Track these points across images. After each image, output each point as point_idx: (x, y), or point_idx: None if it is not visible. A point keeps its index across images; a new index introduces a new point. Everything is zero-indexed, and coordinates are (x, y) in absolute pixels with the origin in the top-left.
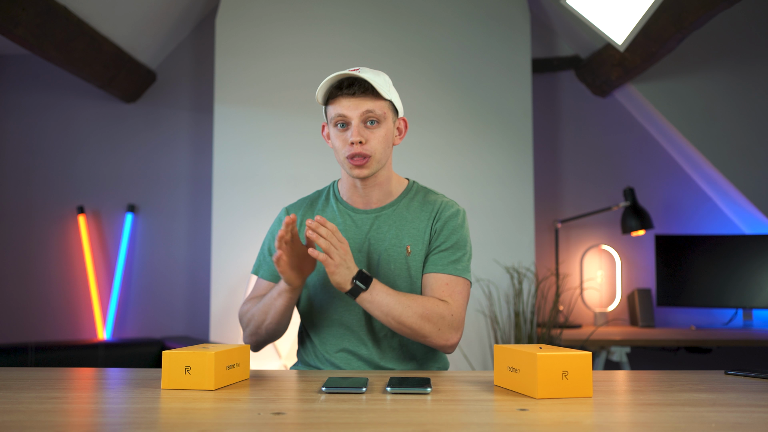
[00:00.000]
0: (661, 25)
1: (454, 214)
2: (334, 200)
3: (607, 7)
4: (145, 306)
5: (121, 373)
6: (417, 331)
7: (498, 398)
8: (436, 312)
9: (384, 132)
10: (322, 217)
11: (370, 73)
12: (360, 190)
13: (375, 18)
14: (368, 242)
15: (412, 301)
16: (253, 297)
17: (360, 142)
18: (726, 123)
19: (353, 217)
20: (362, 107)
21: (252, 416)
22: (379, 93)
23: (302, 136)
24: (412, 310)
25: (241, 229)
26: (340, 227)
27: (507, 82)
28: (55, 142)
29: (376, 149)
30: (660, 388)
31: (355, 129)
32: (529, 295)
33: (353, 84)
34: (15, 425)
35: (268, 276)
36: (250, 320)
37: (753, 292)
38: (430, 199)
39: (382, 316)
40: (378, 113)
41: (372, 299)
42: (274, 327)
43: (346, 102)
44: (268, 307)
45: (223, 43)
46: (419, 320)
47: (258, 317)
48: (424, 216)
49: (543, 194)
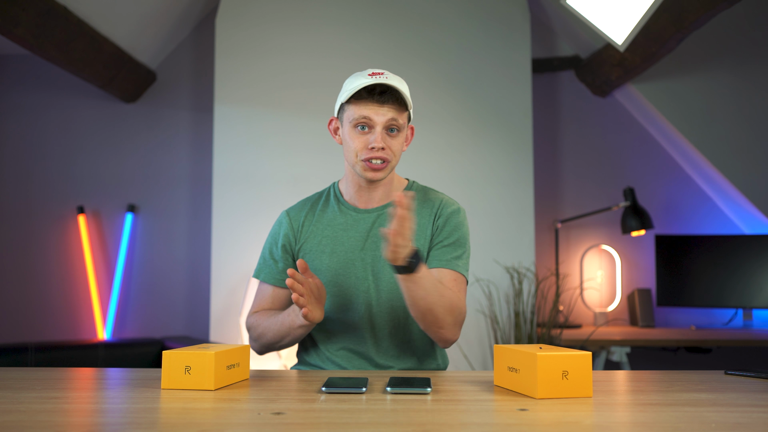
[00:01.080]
0: (661, 25)
1: (455, 212)
2: (335, 201)
3: (607, 7)
4: (145, 306)
5: (121, 373)
6: (438, 321)
7: (498, 398)
8: (457, 307)
9: (401, 139)
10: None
11: (395, 80)
12: (365, 190)
13: (375, 18)
14: (370, 240)
15: (444, 290)
16: (262, 308)
17: (382, 148)
18: (726, 123)
19: (354, 216)
20: (388, 115)
21: (252, 416)
22: (405, 103)
23: (302, 136)
24: (444, 300)
25: (241, 229)
26: (341, 227)
27: (507, 82)
28: (55, 142)
29: (395, 155)
30: (660, 388)
31: (379, 135)
32: (529, 295)
33: (385, 92)
34: (15, 425)
35: (272, 280)
36: (261, 335)
37: (753, 292)
38: (431, 196)
39: (418, 299)
40: (400, 122)
41: (418, 280)
42: (288, 346)
43: (374, 107)
44: (284, 333)
45: (223, 43)
46: (445, 311)
47: (271, 336)
48: (425, 213)
49: (543, 194)
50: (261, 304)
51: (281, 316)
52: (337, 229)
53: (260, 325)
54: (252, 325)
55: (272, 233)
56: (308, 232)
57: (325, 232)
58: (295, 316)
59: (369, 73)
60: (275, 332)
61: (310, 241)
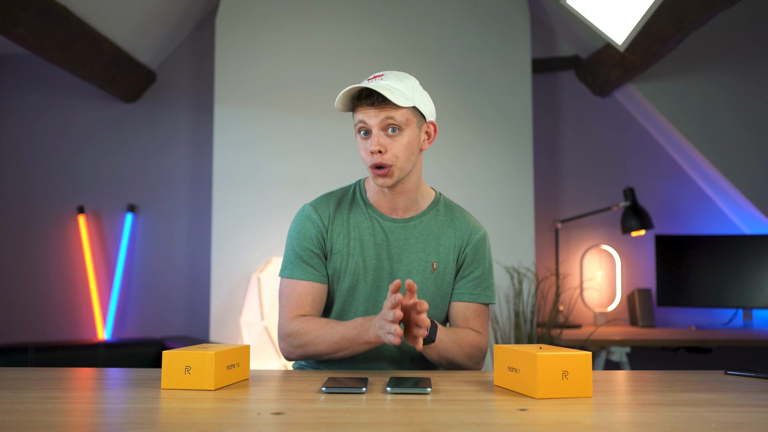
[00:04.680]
0: (661, 25)
1: (482, 239)
2: (361, 202)
3: (607, 7)
4: (145, 306)
5: (121, 373)
6: (459, 366)
7: (498, 398)
8: (477, 348)
9: (407, 139)
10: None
11: (393, 79)
12: (387, 195)
13: (375, 17)
14: (395, 252)
15: (461, 340)
16: (304, 310)
17: (380, 152)
18: (726, 123)
19: (381, 223)
20: (382, 115)
21: (252, 416)
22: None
23: (302, 136)
24: (463, 349)
25: (241, 229)
26: (368, 231)
27: (507, 82)
28: (55, 142)
29: (398, 157)
30: (660, 388)
31: (374, 138)
32: (529, 295)
33: (371, 94)
34: (15, 425)
35: (309, 276)
36: (310, 342)
37: (753, 292)
38: (457, 217)
39: (436, 359)
40: (399, 120)
41: (437, 346)
42: (337, 359)
43: (367, 110)
44: (344, 346)
45: (223, 43)
46: (464, 358)
47: (323, 347)
48: (451, 234)
49: (543, 194)
50: (300, 306)
51: (342, 327)
52: (364, 232)
53: (311, 332)
54: (298, 331)
55: (299, 228)
56: (337, 231)
57: (352, 234)
58: (364, 330)
59: (369, 77)
60: (332, 343)
61: (339, 241)
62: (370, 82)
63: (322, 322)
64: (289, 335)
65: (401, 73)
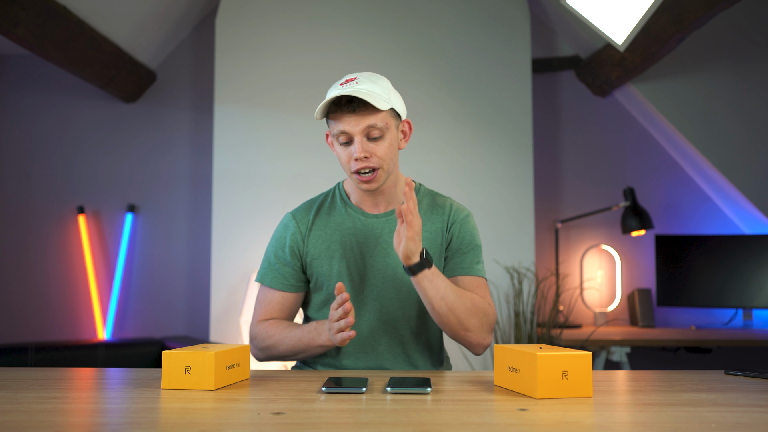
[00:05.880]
0: (661, 25)
1: (467, 217)
2: (341, 203)
3: (607, 7)
4: (145, 306)
5: (121, 373)
6: (463, 323)
7: (498, 398)
8: (481, 308)
9: (388, 142)
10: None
11: (367, 82)
12: (369, 194)
13: (375, 18)
14: (380, 247)
15: (463, 291)
16: (270, 316)
17: (365, 157)
18: (726, 123)
19: (363, 221)
20: (363, 123)
21: (252, 416)
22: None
23: (302, 136)
24: (464, 300)
25: (241, 229)
26: (349, 231)
27: (507, 82)
28: (55, 142)
29: (383, 160)
30: (660, 388)
31: (359, 145)
32: (529, 295)
33: (352, 100)
34: (15, 425)
35: (279, 285)
36: (271, 346)
37: (753, 292)
38: (439, 202)
39: (436, 299)
40: (380, 125)
41: (433, 279)
42: (297, 360)
43: (347, 118)
44: (301, 349)
45: (223, 43)
46: (467, 312)
47: (283, 350)
48: (436, 219)
49: (543, 194)
50: (268, 311)
51: (299, 331)
52: (345, 233)
53: (272, 336)
54: (260, 335)
55: (277, 237)
56: (316, 236)
57: (333, 237)
58: (317, 335)
59: (341, 81)
60: (290, 347)
61: (319, 246)
62: (345, 86)
63: (284, 325)
64: (254, 338)
65: (373, 75)
